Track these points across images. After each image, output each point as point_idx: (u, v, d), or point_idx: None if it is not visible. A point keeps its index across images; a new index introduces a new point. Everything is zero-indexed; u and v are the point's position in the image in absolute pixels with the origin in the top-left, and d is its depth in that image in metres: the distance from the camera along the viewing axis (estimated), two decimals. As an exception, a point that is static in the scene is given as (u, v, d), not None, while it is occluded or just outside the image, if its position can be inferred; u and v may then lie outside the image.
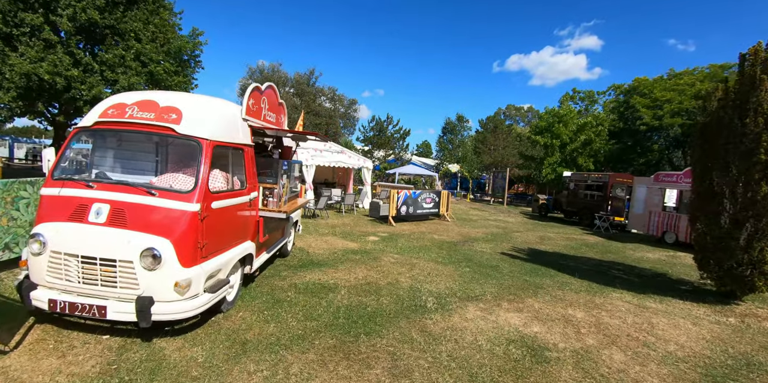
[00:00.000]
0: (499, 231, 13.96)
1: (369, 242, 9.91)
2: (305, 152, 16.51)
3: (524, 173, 35.54)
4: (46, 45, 13.40)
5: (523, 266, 8.50)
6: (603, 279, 7.88)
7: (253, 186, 5.22)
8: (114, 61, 14.00)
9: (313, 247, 8.56)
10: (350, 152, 17.84)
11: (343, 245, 9.14)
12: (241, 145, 4.96)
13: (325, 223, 12.75)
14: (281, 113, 6.63)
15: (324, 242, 9.28)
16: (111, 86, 14.01)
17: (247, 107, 5.20)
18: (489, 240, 11.81)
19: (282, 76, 29.57)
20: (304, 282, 6.00)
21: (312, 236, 9.85)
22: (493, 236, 12.78)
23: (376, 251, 8.83)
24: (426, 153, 52.50)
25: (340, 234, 10.79)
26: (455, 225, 14.61)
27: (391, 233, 11.65)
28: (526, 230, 14.74)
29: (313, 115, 27.45)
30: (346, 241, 9.74)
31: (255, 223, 5.31)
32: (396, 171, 24.87)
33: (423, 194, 14.71)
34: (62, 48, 13.53)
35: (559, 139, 26.77)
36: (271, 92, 6.05)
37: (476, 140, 35.30)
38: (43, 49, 13.29)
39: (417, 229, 12.93)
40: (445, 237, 11.74)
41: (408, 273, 6.97)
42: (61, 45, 13.57)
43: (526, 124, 60.57)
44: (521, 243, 11.75)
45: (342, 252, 8.31)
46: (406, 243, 10.24)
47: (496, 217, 18.72)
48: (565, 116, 26.72)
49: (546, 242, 12.39)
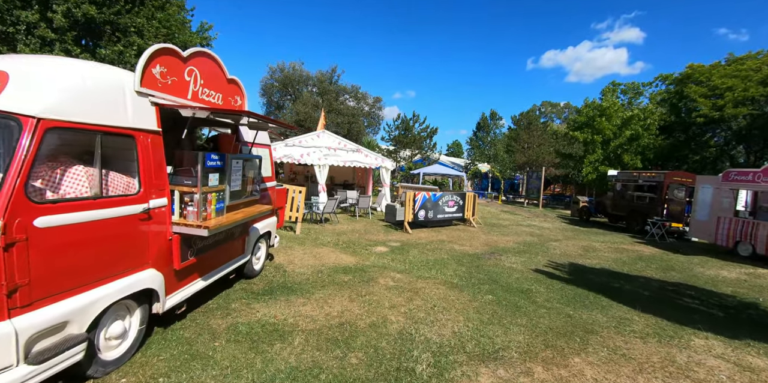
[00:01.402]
0: (534, 240, 11.70)
1: (372, 256, 8.04)
2: (317, 151, 14.94)
3: (561, 173, 32.48)
4: (42, 42, 12.51)
5: (564, 292, 6.36)
6: (675, 313, 5.63)
7: (157, 190, 3.50)
8: (113, 57, 12.93)
9: (295, 263, 6.79)
10: (367, 151, 16.07)
11: (336, 260, 7.32)
12: (131, 130, 3.25)
13: (331, 229, 11.02)
14: (234, 94, 4.91)
15: (313, 255, 7.49)
16: None
17: (148, 75, 3.49)
18: (521, 252, 9.63)
19: (304, 74, 28.29)
20: (251, 322, 4.22)
21: (302, 248, 8.09)
22: (526, 246, 10.57)
23: (375, 268, 6.94)
24: (457, 153, 50.03)
25: (342, 244, 8.99)
26: (482, 232, 12.47)
27: (403, 243, 9.74)
28: (565, 239, 12.38)
29: (335, 114, 25.94)
30: (343, 254, 7.92)
31: (163, 243, 3.60)
32: (420, 171, 22.83)
33: (445, 196, 12.68)
34: (60, 45, 12.60)
35: (601, 134, 23.80)
36: (206, 62, 4.33)
37: (509, 138, 32.58)
38: (40, 47, 12.41)
39: (436, 237, 10.94)
40: (467, 248, 9.68)
41: (405, 306, 5.03)
42: (59, 42, 12.64)
43: (563, 121, 56.74)
44: (560, 256, 9.50)
45: (330, 271, 6.48)
46: (418, 256, 8.30)
47: (529, 222, 16.34)
48: (608, 108, 23.69)
49: (591, 254, 10.05)
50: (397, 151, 29.26)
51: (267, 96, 29.57)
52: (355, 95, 28.96)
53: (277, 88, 28.79)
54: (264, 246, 6.01)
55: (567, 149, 29.89)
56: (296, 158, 14.61)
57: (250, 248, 5.40)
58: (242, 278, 5.65)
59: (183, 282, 3.99)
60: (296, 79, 28.23)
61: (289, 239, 8.96)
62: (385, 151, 29.24)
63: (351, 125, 26.44)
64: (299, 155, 14.66)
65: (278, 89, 28.86)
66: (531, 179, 25.30)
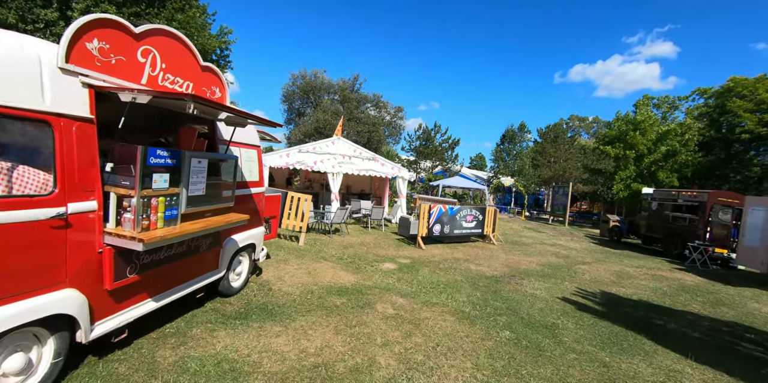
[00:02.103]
0: (560, 262, 10.52)
1: (376, 274, 7.14)
2: (331, 159, 14.25)
3: (589, 189, 30.80)
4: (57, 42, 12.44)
5: (597, 329, 5.28)
6: (737, 364, 4.49)
7: (82, 191, 2.76)
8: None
9: (284, 281, 5.96)
10: (383, 159, 15.28)
11: (333, 278, 6.45)
12: (46, 115, 2.53)
13: (339, 241, 10.19)
14: (210, 84, 4.19)
15: (308, 272, 6.64)
16: None
17: (80, 50, 2.79)
18: (545, 276, 8.52)
19: (325, 81, 27.87)
20: (205, 357, 3.40)
21: (299, 262, 7.26)
22: (551, 268, 9.43)
23: (376, 290, 6.03)
24: (480, 166, 48.71)
25: (346, 259, 8.14)
26: (502, 250, 11.37)
27: (414, 260, 8.80)
28: (595, 261, 11.12)
29: (355, 122, 25.34)
30: (344, 271, 7.05)
31: (90, 256, 2.84)
32: (440, 183, 21.83)
33: (463, 210, 11.69)
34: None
35: (634, 150, 22.29)
36: (170, 43, 3.61)
37: (534, 152, 31.15)
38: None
39: (451, 254, 9.94)
40: (485, 268, 8.64)
41: (400, 344, 4.10)
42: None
43: (591, 136, 54.70)
44: (590, 283, 8.33)
45: (322, 292, 5.62)
46: (429, 277, 7.34)
47: (555, 241, 15.06)
48: (643, 122, 22.20)
49: (625, 281, 8.82)
50: (417, 162, 28.37)
51: (288, 103, 29.34)
52: (376, 104, 28.33)
53: (298, 95, 28.55)
54: (246, 261, 5.22)
55: (596, 164, 28.34)
56: (309, 164, 13.96)
57: (226, 263, 4.60)
58: (219, 296, 4.86)
59: (122, 305, 3.21)
60: (317, 86, 27.87)
61: (288, 251, 8.18)
62: (405, 161, 28.41)
63: (371, 133, 25.75)
64: (313, 162, 14.01)
65: (299, 96, 28.61)
66: (557, 194, 23.87)
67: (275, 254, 7.73)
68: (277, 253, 7.81)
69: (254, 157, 5.12)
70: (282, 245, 8.81)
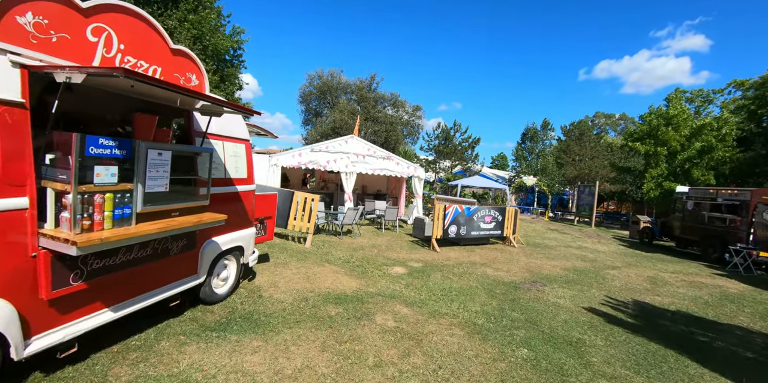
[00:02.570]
0: (586, 266, 9.70)
1: (383, 279, 6.59)
2: (345, 158, 13.82)
3: (616, 189, 29.33)
4: None
5: (631, 347, 4.56)
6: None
7: (7, 185, 2.34)
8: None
9: (278, 286, 5.48)
10: (398, 159, 14.73)
11: (333, 284, 5.93)
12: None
13: (349, 243, 9.70)
14: (184, 69, 3.75)
15: (307, 277, 6.14)
16: None
17: (10, 24, 2.38)
18: (570, 282, 7.77)
19: (342, 81, 27.50)
20: (164, 377, 2.91)
21: (299, 265, 6.78)
22: (577, 274, 8.65)
23: (379, 298, 5.48)
24: (501, 166, 47.43)
25: (353, 262, 7.63)
26: (523, 254, 10.62)
27: (427, 264, 8.22)
28: (625, 266, 10.23)
29: (372, 122, 24.86)
30: (347, 276, 6.53)
31: (19, 261, 2.42)
32: (459, 183, 21.07)
33: (481, 210, 11.00)
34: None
35: (666, 146, 20.95)
36: (130, 22, 3.16)
37: (558, 150, 29.85)
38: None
39: (467, 258, 9.29)
40: (503, 274, 7.97)
41: (396, 366, 3.52)
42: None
43: (618, 133, 52.53)
44: (620, 290, 7.53)
45: (318, 299, 5.11)
46: (440, 283, 6.74)
47: (581, 243, 14.13)
48: (676, 117, 20.83)
49: (660, 289, 7.96)
50: (436, 161, 27.67)
51: (306, 103, 29.18)
52: (393, 103, 27.77)
53: (315, 95, 28.30)
54: (233, 265, 4.77)
55: (624, 162, 26.94)
56: (322, 164, 13.56)
57: (206, 268, 4.15)
58: (201, 303, 4.42)
59: (67, 316, 2.78)
60: (334, 86, 27.53)
61: (292, 254, 7.73)
62: (423, 161, 27.75)
63: (388, 133, 25.21)
64: (325, 162, 13.61)
65: (316, 96, 28.36)
66: (582, 194, 22.71)
67: (276, 256, 7.29)
68: (278, 256, 7.37)
69: (242, 152, 4.67)
70: (287, 247, 8.38)
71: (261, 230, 5.59)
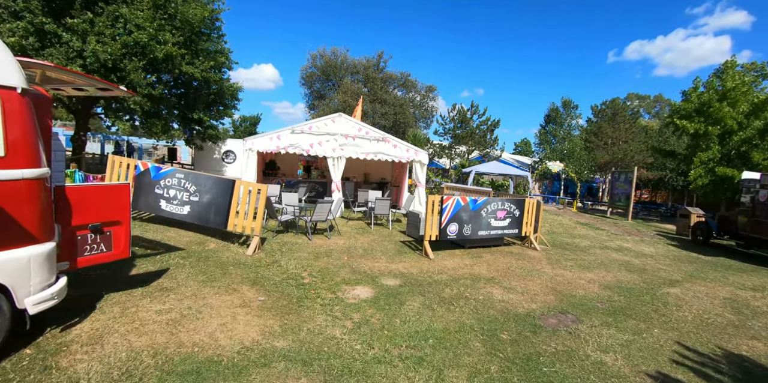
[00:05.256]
0: (634, 280, 6.98)
1: (322, 316, 4.18)
2: (332, 140, 11.37)
3: (653, 176, 25.71)
4: (11, 13, 10.39)
5: None
6: None
7: None
8: (84, 27, 10.40)
9: (102, 344, 3.09)
10: (396, 140, 12.15)
11: (218, 333, 3.52)
12: None
13: (317, 246, 7.32)
14: None
15: (177, 320, 3.68)
16: (79, 58, 10.38)
17: None
18: (617, 313, 5.13)
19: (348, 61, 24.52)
20: None
21: (186, 294, 4.39)
22: (624, 294, 5.98)
23: (281, 366, 3.07)
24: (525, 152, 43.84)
25: (295, 282, 5.25)
26: (547, 260, 7.97)
27: (408, 280, 5.76)
28: (686, 279, 7.43)
29: (379, 103, 22.15)
30: (256, 314, 4.11)
31: None
32: (472, 170, 18.23)
33: (491, 203, 8.37)
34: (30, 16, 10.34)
35: (719, 125, 17.45)
36: None
37: (588, 132, 26.26)
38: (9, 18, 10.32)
39: (470, 268, 6.76)
40: (517, 297, 5.41)
41: None
42: (30, 13, 10.36)
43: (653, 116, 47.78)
44: (695, 329, 4.84)
45: (154, 376, 2.75)
46: (415, 320, 4.28)
47: (620, 242, 11.25)
48: (733, 90, 17.24)
49: (751, 322, 5.22)
50: (451, 147, 24.78)
51: (308, 85, 26.57)
52: (404, 84, 24.82)
53: (317, 76, 25.67)
54: None
55: (664, 145, 23.34)
56: (304, 148, 11.17)
57: None
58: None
59: None
60: (338, 66, 24.80)
61: (208, 267, 5.40)
62: (437, 146, 24.94)
63: (397, 115, 22.47)
64: (308, 145, 11.20)
65: (319, 77, 25.69)
66: (617, 182, 19.48)
67: (177, 273, 4.96)
68: (181, 271, 5.04)
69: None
70: (219, 255, 6.06)
71: (94, 244, 3.25)
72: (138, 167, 7.25)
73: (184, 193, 6.95)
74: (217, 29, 14.27)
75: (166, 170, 7.09)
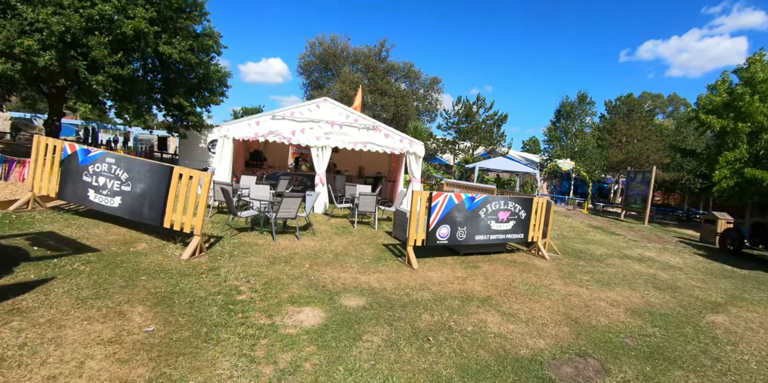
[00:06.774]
0: (667, 303, 5.51)
1: (230, 360, 2.83)
2: (316, 128, 10.01)
3: (670, 177, 23.90)
4: None
5: None
6: None
7: None
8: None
9: None
10: (388, 129, 10.73)
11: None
12: None
13: (280, 249, 5.97)
14: None
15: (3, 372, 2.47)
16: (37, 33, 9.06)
17: None
18: (653, 356, 3.71)
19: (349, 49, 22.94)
20: None
21: (47, 324, 3.12)
22: (659, 323, 4.54)
23: None
24: (533, 150, 42.08)
25: (224, 298, 3.92)
26: (558, 273, 6.52)
27: (378, 299, 4.39)
28: (730, 301, 5.94)
29: (379, 94, 20.69)
30: (122, 364, 2.82)
31: None
32: (476, 166, 16.74)
33: (491, 202, 6.93)
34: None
35: (749, 121, 15.71)
36: None
37: (601, 129, 24.50)
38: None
39: (461, 283, 5.36)
40: (519, 327, 4.00)
41: None
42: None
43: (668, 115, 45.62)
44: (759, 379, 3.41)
45: None
46: (367, 370, 2.91)
47: (641, 250, 9.73)
48: (764, 83, 15.49)
49: None
50: (456, 142, 23.25)
51: (306, 74, 25.09)
52: (406, 74, 23.25)
53: (315, 65, 24.13)
54: None
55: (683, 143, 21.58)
56: (286, 135, 9.83)
57: None
58: None
59: None
60: (337, 54, 23.25)
61: (118, 279, 4.09)
62: (441, 141, 23.44)
63: (398, 107, 21.00)
64: (290, 132, 9.85)
65: (317, 65, 24.14)
66: (633, 182, 17.86)
67: (56, 284, 3.64)
68: (54, 287, 3.71)
69: None
70: (139, 261, 4.73)
71: None
72: (65, 150, 5.97)
73: (114, 181, 5.63)
74: (200, 6, 12.93)
75: (96, 153, 5.78)
